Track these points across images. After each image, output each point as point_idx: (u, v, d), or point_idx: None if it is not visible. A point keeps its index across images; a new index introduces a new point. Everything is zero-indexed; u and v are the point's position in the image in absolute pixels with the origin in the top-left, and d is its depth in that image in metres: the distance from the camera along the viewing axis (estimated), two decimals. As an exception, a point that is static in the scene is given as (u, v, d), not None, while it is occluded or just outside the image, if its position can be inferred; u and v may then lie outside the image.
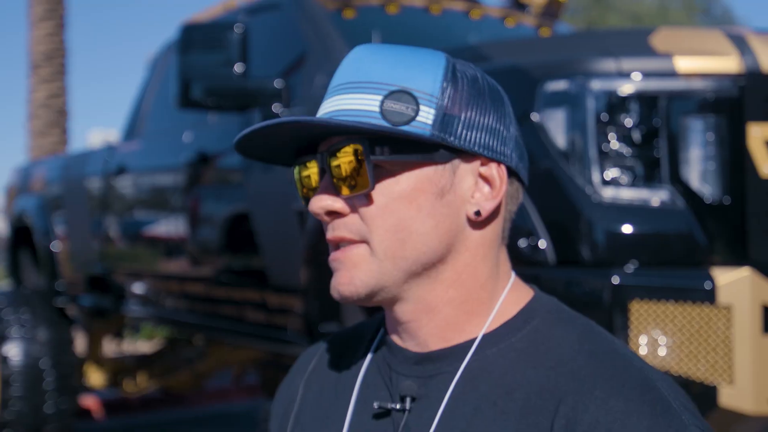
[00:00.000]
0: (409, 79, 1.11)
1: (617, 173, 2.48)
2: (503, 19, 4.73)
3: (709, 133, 2.47)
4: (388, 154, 1.09)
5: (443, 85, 1.12)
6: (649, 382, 1.04)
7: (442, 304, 1.15)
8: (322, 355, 1.35)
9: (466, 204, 1.14)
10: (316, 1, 4.11)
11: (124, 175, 5.21)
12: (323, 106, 1.15)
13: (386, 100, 1.10)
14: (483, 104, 1.14)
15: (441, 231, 1.12)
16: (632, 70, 2.49)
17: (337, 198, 1.11)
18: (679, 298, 2.33)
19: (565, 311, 1.19)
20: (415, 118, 1.09)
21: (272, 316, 3.83)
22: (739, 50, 2.48)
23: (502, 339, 1.14)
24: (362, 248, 1.12)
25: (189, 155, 4.40)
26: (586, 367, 1.07)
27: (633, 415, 1.00)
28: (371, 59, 1.13)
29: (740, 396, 2.30)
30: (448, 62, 1.14)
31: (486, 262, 1.16)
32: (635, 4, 27.00)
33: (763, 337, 2.32)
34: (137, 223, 5.08)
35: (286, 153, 1.19)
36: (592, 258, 2.45)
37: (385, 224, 1.10)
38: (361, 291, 1.11)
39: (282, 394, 1.38)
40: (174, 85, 3.71)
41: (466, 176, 1.14)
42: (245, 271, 4.03)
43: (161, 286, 4.86)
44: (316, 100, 3.52)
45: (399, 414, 1.15)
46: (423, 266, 1.12)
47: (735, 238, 2.44)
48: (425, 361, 1.16)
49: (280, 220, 3.67)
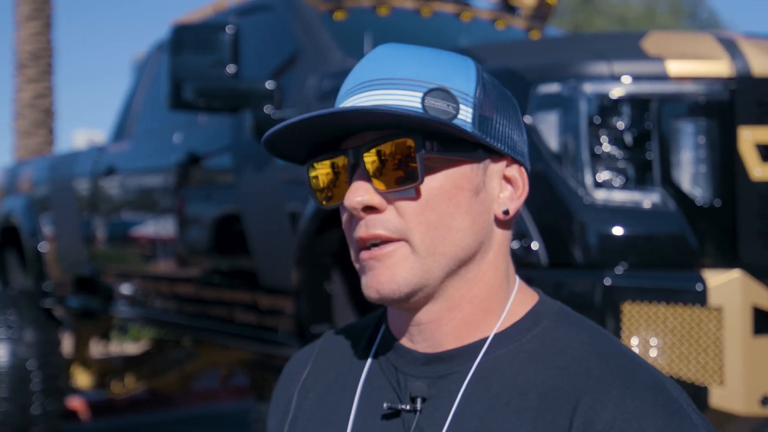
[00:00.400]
0: (445, 78, 1.12)
1: (609, 175, 2.49)
2: (493, 21, 4.74)
3: (701, 136, 2.49)
4: (437, 149, 1.10)
5: (477, 86, 1.13)
6: (659, 383, 1.07)
7: (465, 303, 1.16)
8: (318, 359, 1.34)
9: (494, 203, 1.16)
10: (308, 3, 4.11)
11: (114, 176, 5.20)
12: (348, 102, 1.13)
13: (427, 96, 1.10)
14: (507, 108, 1.17)
15: (476, 228, 1.13)
16: (624, 74, 2.51)
17: (375, 193, 1.10)
18: (670, 299, 2.35)
19: (570, 314, 1.21)
20: (456, 116, 1.10)
21: (263, 318, 3.83)
22: (729, 54, 2.50)
23: (512, 340, 1.16)
24: (402, 246, 1.11)
25: (179, 156, 4.40)
26: (598, 367, 1.09)
27: (648, 415, 1.03)
28: (400, 57, 1.13)
29: (731, 397, 2.32)
30: (476, 65, 1.17)
31: (504, 262, 1.19)
32: (622, 7, 27.11)
33: (754, 338, 2.34)
34: (127, 224, 5.07)
35: (302, 151, 1.18)
36: (584, 259, 2.46)
37: (426, 220, 1.10)
38: (403, 289, 1.11)
39: (277, 402, 1.37)
40: (164, 86, 3.71)
41: (494, 176, 1.16)
42: (236, 272, 4.03)
43: (151, 287, 4.85)
44: (309, 101, 3.53)
45: (409, 415, 1.15)
46: (459, 262, 1.13)
47: (725, 241, 2.46)
48: (435, 362, 1.17)
49: (271, 221, 3.67)
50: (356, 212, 1.11)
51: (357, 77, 1.15)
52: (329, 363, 1.31)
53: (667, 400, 1.05)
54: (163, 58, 5.15)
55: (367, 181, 1.10)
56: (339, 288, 3.37)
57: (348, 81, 1.16)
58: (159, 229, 4.61)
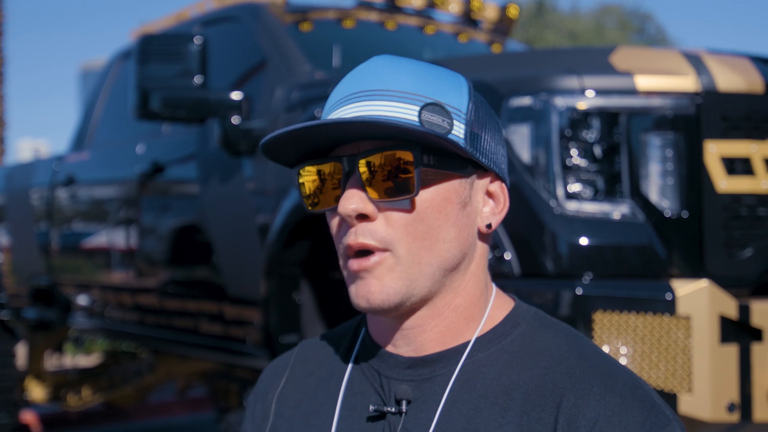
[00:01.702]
0: (440, 93, 1.15)
1: (580, 187, 2.55)
2: (456, 34, 4.80)
3: (668, 150, 2.55)
4: (433, 163, 1.13)
5: (469, 103, 1.17)
6: (636, 381, 1.13)
7: (449, 311, 1.19)
8: (295, 368, 1.35)
9: (478, 217, 1.20)
10: (273, 14, 4.13)
11: (74, 186, 5.15)
12: (342, 110, 1.15)
13: (423, 111, 1.12)
14: (493, 125, 1.21)
15: (461, 240, 1.17)
16: (594, 88, 2.57)
17: (369, 201, 1.13)
18: (640, 308, 2.40)
19: (546, 317, 1.25)
20: (450, 131, 1.13)
21: (228, 328, 3.82)
22: (696, 69, 2.57)
23: (493, 343, 1.20)
24: (387, 257, 1.13)
25: (143, 166, 4.38)
26: (579, 367, 1.14)
27: (628, 410, 1.08)
28: (395, 70, 1.16)
29: (699, 404, 2.38)
30: (468, 81, 1.20)
31: (484, 272, 1.23)
32: (572, 22, 27.48)
33: (720, 346, 2.40)
34: (87, 234, 5.02)
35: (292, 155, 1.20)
36: (555, 269, 2.51)
37: (415, 231, 1.13)
38: (393, 299, 1.13)
39: (253, 410, 1.37)
40: (128, 96, 3.70)
41: (478, 191, 1.20)
42: (201, 283, 4.02)
43: (112, 298, 4.81)
44: (277, 112, 3.54)
45: (395, 417, 1.18)
46: (444, 272, 1.16)
47: (692, 251, 2.53)
48: (419, 365, 1.20)
49: (239, 232, 3.67)
50: (350, 219, 1.13)
51: (352, 86, 1.17)
52: (307, 371, 1.33)
53: (643, 396, 1.10)
54: (125, 67, 5.13)
55: (361, 189, 1.13)
56: (307, 298, 3.39)
57: (341, 89, 1.18)
58: (121, 239, 4.58)
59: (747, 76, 2.60)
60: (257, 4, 4.22)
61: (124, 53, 5.27)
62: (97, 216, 4.94)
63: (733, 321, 2.43)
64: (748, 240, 2.58)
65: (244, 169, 3.67)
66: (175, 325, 4.25)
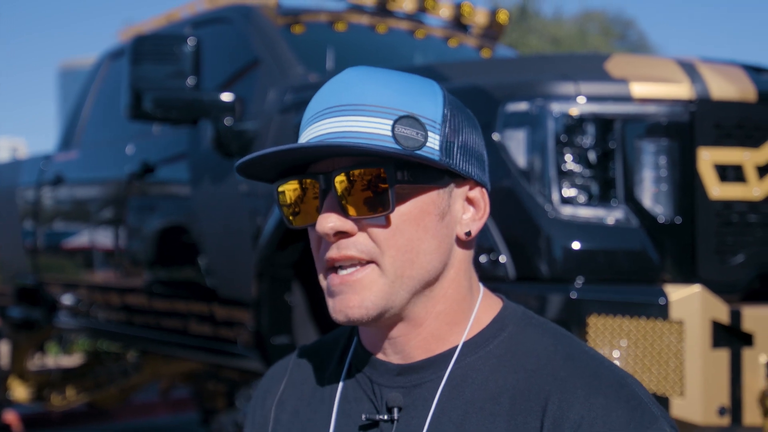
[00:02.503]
0: (414, 105, 1.15)
1: (575, 192, 2.57)
2: (446, 39, 4.82)
3: (662, 156, 2.58)
4: (407, 179, 1.13)
5: (444, 112, 1.17)
6: (621, 380, 1.14)
7: (430, 318, 1.21)
8: (293, 374, 1.37)
9: (458, 225, 1.20)
10: (266, 16, 4.14)
11: (63, 186, 5.13)
12: (316, 126, 1.15)
13: (397, 124, 1.13)
14: (470, 130, 1.21)
15: (442, 250, 1.18)
16: (590, 94, 2.59)
17: (347, 219, 1.13)
18: (634, 313, 2.43)
19: (533, 317, 1.27)
20: (425, 144, 1.14)
21: (218, 329, 3.83)
22: (690, 78, 2.60)
23: (480, 347, 1.21)
24: (372, 269, 1.15)
25: (133, 167, 4.37)
26: (564, 368, 1.15)
27: (613, 410, 1.09)
28: (368, 82, 1.16)
29: (690, 407, 2.41)
30: (442, 90, 1.20)
31: (466, 277, 1.24)
32: (555, 27, 27.60)
33: (712, 351, 2.43)
34: (77, 234, 5.01)
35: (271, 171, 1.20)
36: (550, 273, 2.53)
37: (396, 244, 1.14)
38: (371, 313, 1.15)
39: (253, 416, 1.39)
40: (119, 96, 3.69)
41: (457, 199, 1.20)
42: (191, 284, 4.01)
43: (100, 298, 4.80)
44: (270, 114, 3.55)
45: (387, 425, 1.19)
46: (425, 284, 1.18)
47: (685, 257, 2.56)
48: (408, 372, 1.21)
49: (230, 233, 3.68)
50: (327, 237, 1.14)
51: (325, 101, 1.17)
52: (304, 377, 1.35)
53: (629, 395, 1.11)
54: (114, 66, 5.12)
55: (338, 207, 1.13)
56: (299, 299, 3.40)
57: (315, 103, 1.18)
58: (110, 239, 4.57)
59: (740, 85, 2.64)
60: (249, 5, 4.23)
61: (113, 53, 5.26)
62: (85, 216, 4.92)
63: (724, 326, 2.46)
64: (739, 246, 2.61)
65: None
66: (163, 326, 4.25)
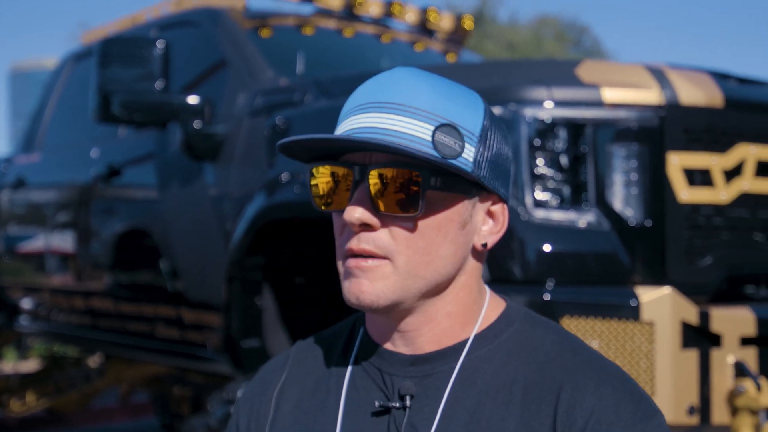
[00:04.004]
0: (456, 114, 1.19)
1: (547, 196, 2.61)
2: (412, 43, 4.86)
3: (632, 160, 2.63)
4: (440, 186, 1.17)
5: (483, 126, 1.21)
6: (624, 374, 1.22)
7: (441, 316, 1.25)
8: (293, 367, 1.39)
9: (476, 235, 1.25)
10: (233, 19, 4.13)
11: (24, 189, 5.08)
12: (358, 118, 1.20)
13: (437, 131, 1.17)
14: (503, 146, 1.25)
15: (457, 257, 1.23)
16: (562, 99, 2.63)
17: (374, 213, 1.17)
18: (605, 314, 2.48)
19: (536, 316, 1.32)
20: (461, 154, 1.18)
21: (186, 332, 3.82)
22: (659, 83, 2.66)
23: (490, 341, 1.26)
24: (387, 264, 1.19)
25: (98, 170, 4.34)
26: (572, 361, 1.22)
27: (621, 401, 1.17)
28: (416, 85, 1.19)
29: (661, 407, 2.43)
30: (485, 103, 1.24)
31: (477, 282, 1.29)
32: (511, 33, 27.83)
33: (682, 351, 2.48)
34: (40, 238, 4.95)
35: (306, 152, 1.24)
36: (523, 275, 2.57)
37: (415, 245, 1.18)
38: (381, 302, 1.19)
39: (249, 408, 1.39)
40: (83, 98, 3.67)
41: (479, 211, 1.25)
42: (158, 288, 3.99)
43: (64, 302, 4.76)
44: (240, 117, 3.55)
45: (399, 412, 1.23)
46: (437, 286, 1.22)
47: (655, 259, 2.61)
48: (420, 362, 1.25)
49: (199, 237, 3.67)
50: (353, 227, 1.18)
51: (371, 95, 1.21)
52: (305, 370, 1.37)
53: (632, 388, 1.20)
54: (78, 68, 5.08)
55: (368, 200, 1.17)
56: (269, 303, 3.40)
57: (360, 95, 1.22)
58: (75, 242, 4.53)
59: (707, 91, 2.70)
60: (217, 9, 4.22)
61: (76, 54, 5.22)
62: (48, 219, 4.87)
63: (693, 327, 2.51)
64: (707, 249, 2.67)
65: (205, 173, 3.67)
66: (129, 329, 4.22)
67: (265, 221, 3.19)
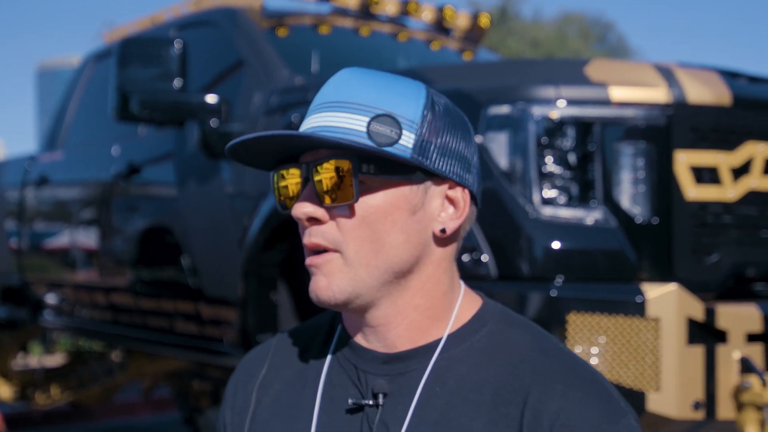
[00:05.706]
0: (394, 105, 1.23)
1: (555, 193, 2.65)
2: (428, 42, 4.89)
3: (640, 158, 2.66)
4: (373, 172, 1.21)
5: (424, 113, 1.24)
6: (593, 376, 1.23)
7: (410, 310, 1.27)
8: (274, 358, 1.42)
9: (434, 222, 1.27)
10: (250, 19, 4.19)
11: (47, 186, 5.17)
12: (309, 120, 1.25)
13: (373, 122, 1.21)
14: (455, 132, 1.28)
15: (411, 244, 1.24)
16: (570, 98, 2.67)
17: (319, 206, 1.22)
18: (612, 310, 2.51)
19: (512, 314, 1.34)
20: (398, 141, 1.21)
21: (204, 327, 3.88)
22: (667, 82, 2.68)
23: (463, 340, 1.28)
24: (337, 257, 1.22)
25: (119, 168, 4.41)
26: (543, 364, 1.23)
27: (588, 404, 1.18)
28: (358, 82, 1.25)
29: (666, 402, 2.49)
30: (428, 92, 1.27)
31: (446, 274, 1.30)
32: (534, 30, 27.74)
33: (687, 347, 2.51)
34: (62, 234, 5.04)
35: (268, 160, 1.29)
36: (531, 272, 2.60)
37: (361, 234, 1.21)
38: (338, 297, 1.22)
39: (234, 398, 1.42)
40: (105, 97, 3.73)
41: (435, 197, 1.26)
42: (178, 284, 4.06)
43: (86, 297, 4.84)
44: (256, 116, 3.61)
45: (372, 410, 1.26)
46: (394, 275, 1.24)
47: (662, 256, 2.64)
48: (394, 361, 1.28)
49: (216, 234, 3.73)
50: (302, 222, 1.23)
51: (320, 97, 1.27)
52: (286, 362, 1.40)
53: (600, 390, 1.20)
54: (99, 68, 5.16)
55: (314, 194, 1.22)
56: (285, 298, 3.46)
57: (315, 99, 1.29)
58: (96, 239, 4.61)
59: (715, 89, 2.72)
60: (235, 9, 4.28)
61: (97, 54, 5.29)
62: (70, 216, 4.96)
63: (699, 323, 2.54)
64: (714, 246, 2.69)
65: (222, 171, 3.73)
66: (150, 325, 4.29)
67: (280, 218, 3.24)
